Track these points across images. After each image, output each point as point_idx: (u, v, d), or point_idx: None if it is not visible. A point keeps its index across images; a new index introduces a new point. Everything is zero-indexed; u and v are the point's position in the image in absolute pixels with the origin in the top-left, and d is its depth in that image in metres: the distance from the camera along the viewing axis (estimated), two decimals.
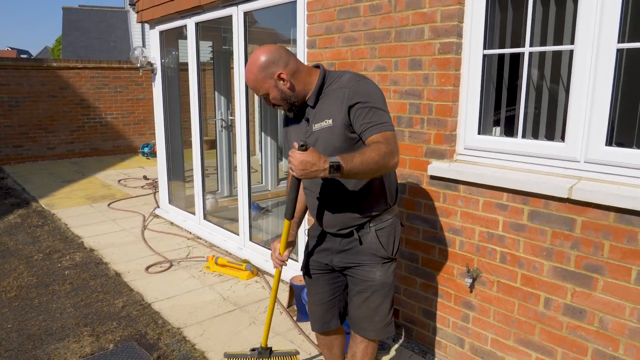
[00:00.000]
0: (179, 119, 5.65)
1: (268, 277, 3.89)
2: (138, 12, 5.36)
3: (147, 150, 9.75)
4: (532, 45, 2.29)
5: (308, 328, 2.98)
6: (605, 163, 2.02)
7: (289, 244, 2.07)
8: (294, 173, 1.59)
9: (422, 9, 2.48)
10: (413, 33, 2.54)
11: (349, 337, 2.16)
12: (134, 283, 3.78)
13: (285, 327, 3.11)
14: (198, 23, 4.57)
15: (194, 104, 4.88)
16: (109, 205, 6.13)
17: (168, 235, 4.99)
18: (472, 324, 2.53)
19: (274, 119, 6.09)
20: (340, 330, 2.24)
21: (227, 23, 4.21)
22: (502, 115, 2.75)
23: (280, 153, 6.32)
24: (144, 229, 5.16)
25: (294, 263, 3.58)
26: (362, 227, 1.92)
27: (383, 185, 1.91)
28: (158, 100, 5.48)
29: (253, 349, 2.41)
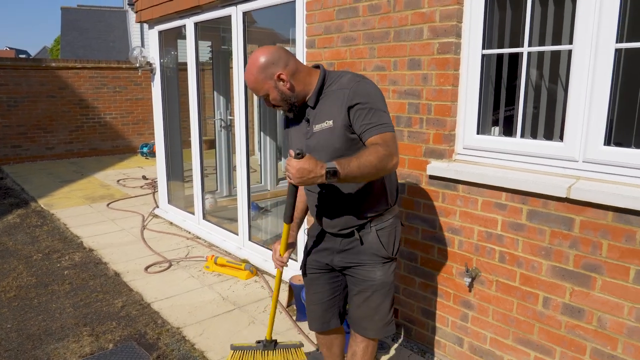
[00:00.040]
0: (178, 119, 5.64)
1: (267, 276, 3.89)
2: (137, 12, 5.35)
3: (146, 150, 9.75)
4: (530, 45, 2.30)
5: (307, 327, 2.97)
6: (604, 163, 2.03)
7: (289, 246, 2.09)
8: (292, 181, 1.61)
9: (421, 9, 2.48)
10: (412, 33, 2.54)
11: (349, 336, 2.17)
12: (134, 283, 3.78)
13: (285, 326, 3.11)
14: (197, 23, 4.57)
15: (193, 104, 4.88)
16: (108, 205, 6.13)
17: (167, 235, 4.99)
18: (471, 323, 2.53)
19: (273, 119, 6.08)
20: (340, 330, 2.25)
21: (226, 23, 4.21)
22: (500, 115, 2.75)
23: (280, 153, 6.32)
24: (143, 229, 5.16)
25: (294, 263, 3.59)
26: (363, 227, 1.93)
27: (384, 186, 1.92)
28: (157, 100, 5.48)
29: (259, 342, 2.44)
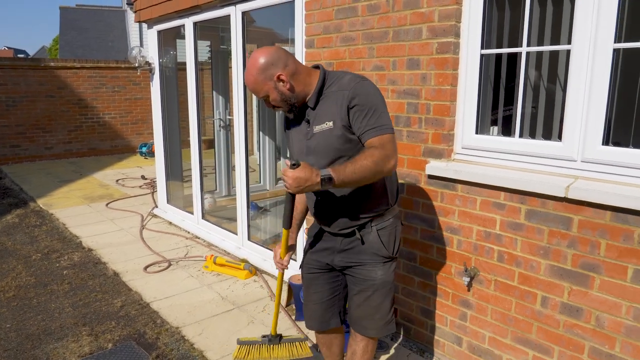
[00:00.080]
0: (177, 119, 5.64)
1: (266, 276, 3.90)
2: (136, 11, 5.35)
3: (145, 150, 9.74)
4: (529, 45, 2.31)
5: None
6: (602, 162, 2.04)
7: (290, 248, 2.12)
8: (290, 190, 1.68)
9: (420, 9, 2.49)
10: (411, 33, 2.55)
11: (348, 335, 2.17)
12: (133, 283, 3.78)
13: (284, 326, 3.12)
14: (196, 23, 4.57)
15: (192, 104, 4.88)
16: (107, 205, 6.13)
17: (166, 235, 4.99)
18: (469, 323, 2.54)
19: (272, 119, 6.09)
20: (340, 329, 2.26)
21: (225, 23, 4.21)
22: (499, 115, 2.76)
23: (279, 153, 6.32)
24: (142, 229, 5.16)
25: (293, 263, 3.59)
26: (363, 226, 1.94)
27: (385, 186, 1.92)
28: (156, 100, 5.48)
29: (264, 336, 2.46)
